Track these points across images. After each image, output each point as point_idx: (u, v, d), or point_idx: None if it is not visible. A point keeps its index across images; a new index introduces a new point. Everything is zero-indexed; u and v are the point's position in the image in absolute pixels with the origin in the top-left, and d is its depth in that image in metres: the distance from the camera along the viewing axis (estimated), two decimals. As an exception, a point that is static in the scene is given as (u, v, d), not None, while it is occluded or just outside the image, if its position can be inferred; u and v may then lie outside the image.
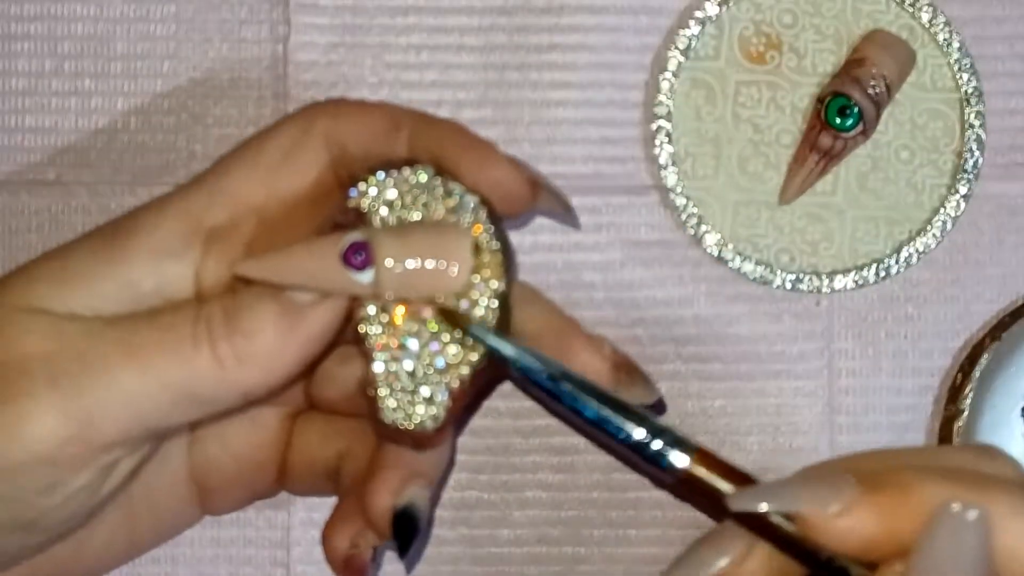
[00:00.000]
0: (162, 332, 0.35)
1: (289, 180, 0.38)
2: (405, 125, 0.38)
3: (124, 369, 0.34)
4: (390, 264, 0.35)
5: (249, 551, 0.46)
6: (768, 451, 0.46)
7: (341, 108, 0.39)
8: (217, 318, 0.35)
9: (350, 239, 0.35)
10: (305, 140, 0.38)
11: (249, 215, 0.38)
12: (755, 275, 0.46)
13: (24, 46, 0.46)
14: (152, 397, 0.35)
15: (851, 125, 0.45)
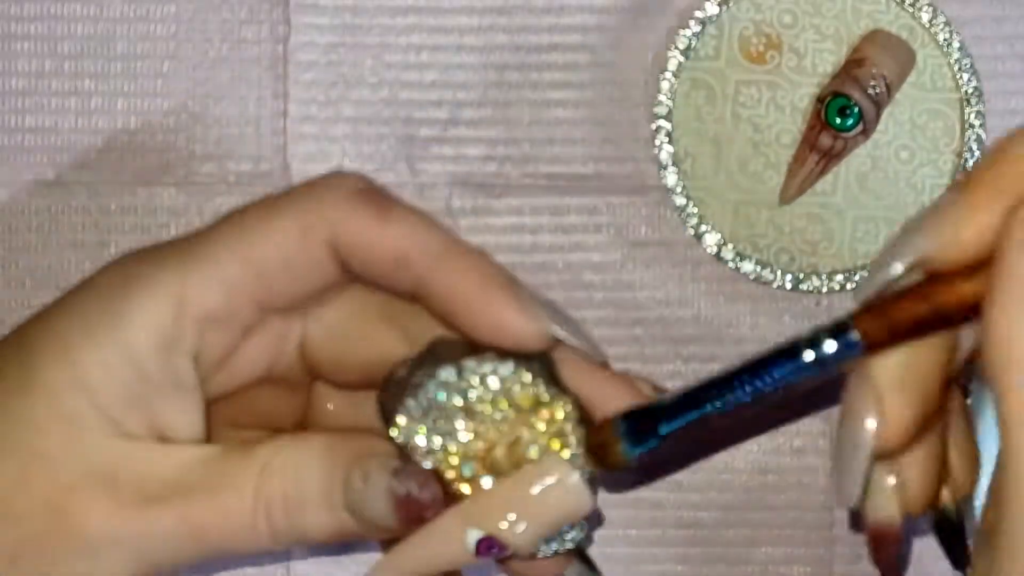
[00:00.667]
0: (224, 517, 0.35)
1: (288, 284, 0.36)
2: (412, 265, 0.35)
3: (188, 543, 0.35)
4: (521, 537, 0.35)
5: (249, 551, 0.46)
6: (768, 451, 0.46)
7: (350, 220, 0.35)
8: (278, 511, 0.35)
9: (475, 538, 0.34)
10: (307, 249, 0.35)
11: (248, 306, 0.36)
12: (755, 275, 0.46)
13: (24, 46, 0.46)
14: (211, 556, 0.36)
15: (851, 125, 0.45)
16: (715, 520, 0.46)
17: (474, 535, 0.34)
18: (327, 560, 0.46)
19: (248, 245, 0.35)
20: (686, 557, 0.46)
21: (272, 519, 0.35)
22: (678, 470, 0.46)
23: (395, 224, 0.35)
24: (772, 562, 0.46)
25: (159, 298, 0.35)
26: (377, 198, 0.36)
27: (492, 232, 0.46)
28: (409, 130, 0.46)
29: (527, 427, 0.35)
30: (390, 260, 0.35)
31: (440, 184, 0.46)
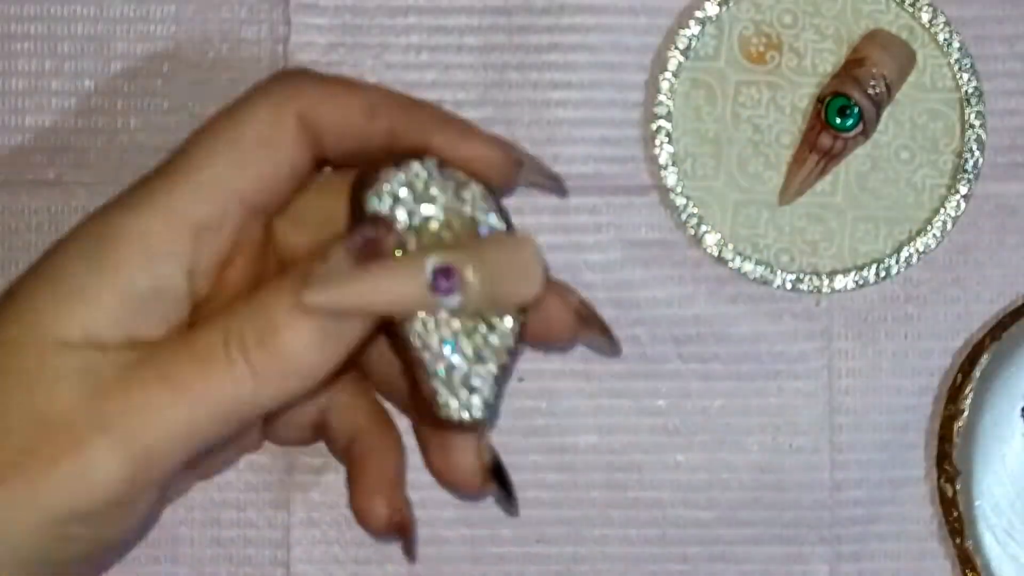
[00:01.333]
0: (199, 361, 0.35)
1: (267, 165, 0.38)
2: (382, 112, 0.38)
3: (170, 404, 0.35)
4: (476, 287, 0.36)
5: (249, 551, 0.46)
6: (768, 451, 0.46)
7: (316, 89, 0.38)
8: (251, 339, 0.35)
9: (435, 262, 0.35)
10: (280, 123, 0.38)
11: (234, 205, 0.37)
12: (755, 275, 0.46)
13: (24, 46, 0.46)
14: (200, 424, 0.35)
15: (851, 125, 0.45)
16: (715, 519, 0.46)
17: (434, 261, 0.35)
18: (328, 560, 0.46)
19: (225, 141, 0.37)
20: (686, 557, 0.46)
21: (248, 353, 0.35)
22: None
23: (359, 84, 0.39)
24: (772, 561, 0.46)
25: (151, 215, 0.36)
26: (334, 75, 0.40)
27: (492, 232, 0.46)
28: (409, 130, 0.46)
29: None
30: (363, 111, 0.38)
31: (440, 184, 0.46)
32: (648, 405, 0.46)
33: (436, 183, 0.37)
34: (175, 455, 0.35)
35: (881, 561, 0.46)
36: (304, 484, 0.46)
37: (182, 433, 0.35)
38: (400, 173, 0.37)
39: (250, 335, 0.35)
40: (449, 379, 0.37)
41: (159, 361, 0.35)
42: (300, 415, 0.42)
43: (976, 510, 0.45)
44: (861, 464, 0.46)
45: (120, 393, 0.35)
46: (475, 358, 0.37)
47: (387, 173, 0.37)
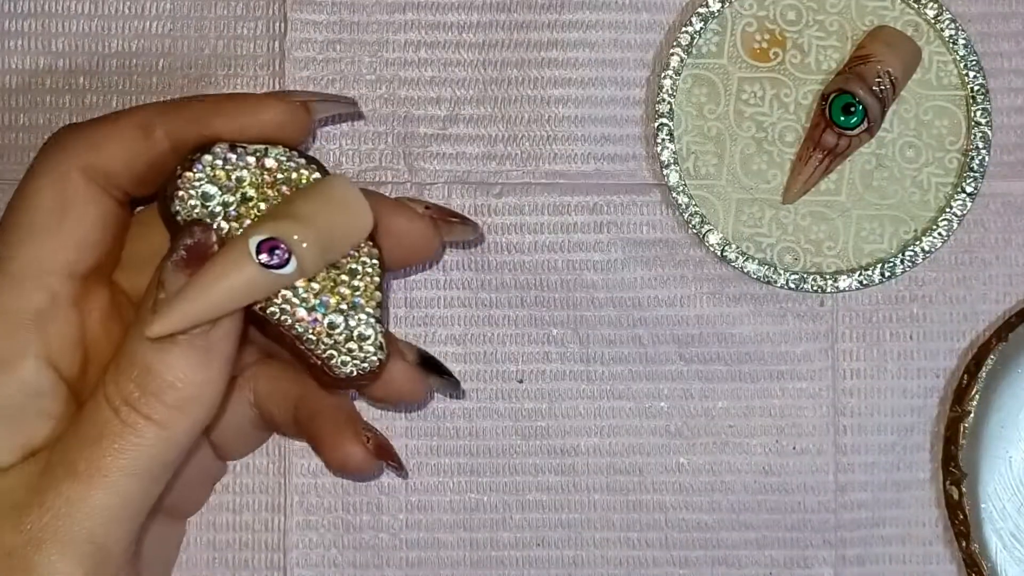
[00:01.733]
0: (97, 439, 0.35)
1: (73, 229, 0.37)
2: (156, 124, 0.38)
3: (89, 493, 0.35)
4: (306, 246, 0.35)
5: (246, 554, 0.46)
6: (772, 453, 0.46)
7: (84, 136, 0.38)
8: (134, 393, 0.35)
9: (256, 241, 0.35)
10: (67, 184, 0.37)
11: (59, 279, 0.37)
12: (758, 275, 0.45)
13: (18, 43, 0.46)
14: (130, 494, 0.35)
15: (855, 123, 0.44)
16: (718, 522, 0.46)
17: (255, 240, 0.35)
18: (325, 564, 0.46)
19: (23, 223, 0.37)
20: (688, 560, 0.46)
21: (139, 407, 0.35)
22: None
23: (126, 111, 0.39)
24: (775, 564, 0.46)
25: None
26: (99, 116, 0.39)
27: (492, 231, 0.46)
28: (408, 128, 0.46)
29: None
30: (137, 133, 0.38)
31: (439, 183, 0.46)
32: (650, 406, 0.46)
33: (235, 165, 0.37)
34: (121, 534, 0.35)
35: (886, 564, 0.46)
36: (301, 487, 0.46)
37: (117, 512, 0.35)
38: (195, 172, 0.37)
39: (131, 389, 0.35)
40: (334, 340, 0.37)
41: (62, 458, 0.35)
42: (239, 424, 0.42)
43: (982, 513, 0.45)
44: (866, 466, 0.46)
45: (37, 507, 0.35)
46: (350, 309, 0.37)
47: (183, 178, 0.37)
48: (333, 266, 0.37)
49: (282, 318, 0.37)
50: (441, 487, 0.46)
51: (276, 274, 0.35)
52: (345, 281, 0.37)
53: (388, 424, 0.46)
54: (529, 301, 0.46)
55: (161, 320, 0.34)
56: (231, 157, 0.37)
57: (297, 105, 0.39)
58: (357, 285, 0.38)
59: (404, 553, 0.46)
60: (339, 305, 0.37)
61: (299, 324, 0.37)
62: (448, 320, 0.46)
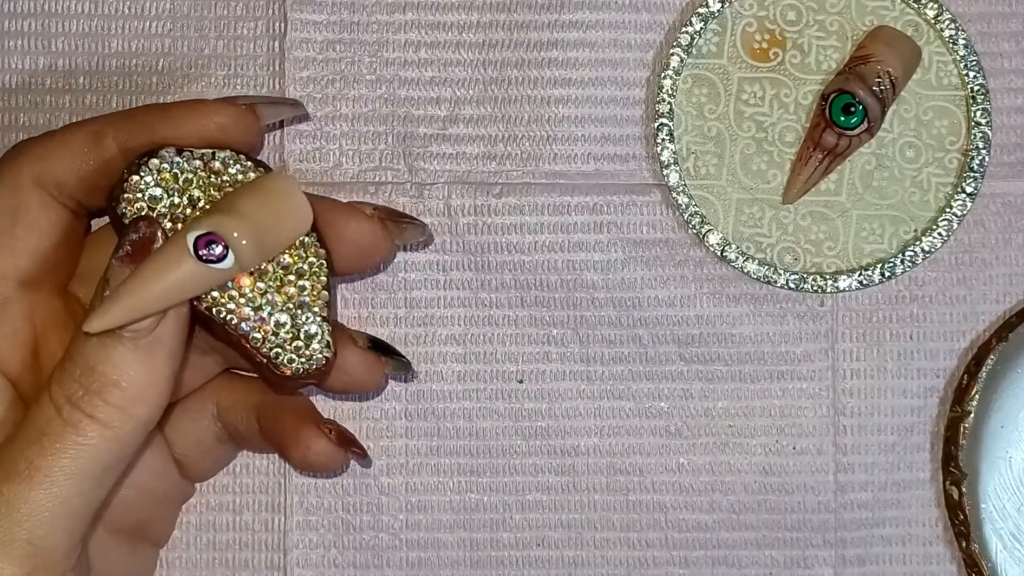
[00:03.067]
0: (39, 439, 0.35)
1: (25, 237, 0.38)
2: (106, 131, 0.38)
3: (28, 493, 0.34)
4: (244, 241, 0.35)
5: (245, 555, 0.46)
6: (772, 453, 0.46)
7: (36, 147, 0.38)
8: (78, 392, 0.35)
9: (193, 235, 0.35)
10: (20, 196, 0.37)
11: (8, 285, 0.37)
12: (758, 275, 0.45)
13: (18, 43, 0.46)
14: (72, 495, 0.35)
15: (856, 123, 0.44)
16: (718, 522, 0.46)
17: (192, 235, 0.35)
18: (325, 564, 0.46)
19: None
20: (688, 560, 0.46)
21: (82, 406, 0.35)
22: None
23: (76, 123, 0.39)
24: (775, 564, 0.46)
25: None
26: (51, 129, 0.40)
27: (492, 231, 0.46)
28: (408, 128, 0.46)
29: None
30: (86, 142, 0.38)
31: (439, 183, 0.46)
32: (650, 407, 0.46)
33: (182, 168, 0.37)
34: (62, 536, 0.35)
35: (886, 564, 0.46)
36: (301, 487, 0.46)
37: (57, 513, 0.35)
38: (143, 175, 0.37)
39: (75, 389, 0.35)
40: (280, 339, 0.38)
41: (4, 459, 0.35)
42: (203, 440, 0.42)
43: (982, 513, 0.45)
44: (866, 466, 0.46)
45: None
46: (296, 308, 0.38)
47: (129, 181, 0.37)
48: (280, 266, 0.38)
49: (228, 317, 0.37)
50: (441, 487, 0.46)
51: (214, 268, 0.35)
52: (292, 280, 0.38)
53: (388, 424, 0.46)
54: (529, 301, 0.46)
55: (99, 315, 0.34)
56: (178, 160, 0.37)
57: (243, 108, 0.39)
58: (304, 285, 0.38)
59: (404, 553, 0.46)
60: (286, 304, 0.38)
61: (245, 323, 0.37)
62: (448, 320, 0.46)
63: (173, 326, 0.35)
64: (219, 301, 0.37)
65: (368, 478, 0.46)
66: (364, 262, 0.41)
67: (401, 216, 0.42)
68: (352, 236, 0.40)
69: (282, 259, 0.38)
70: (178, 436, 0.42)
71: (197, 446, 0.43)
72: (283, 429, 0.41)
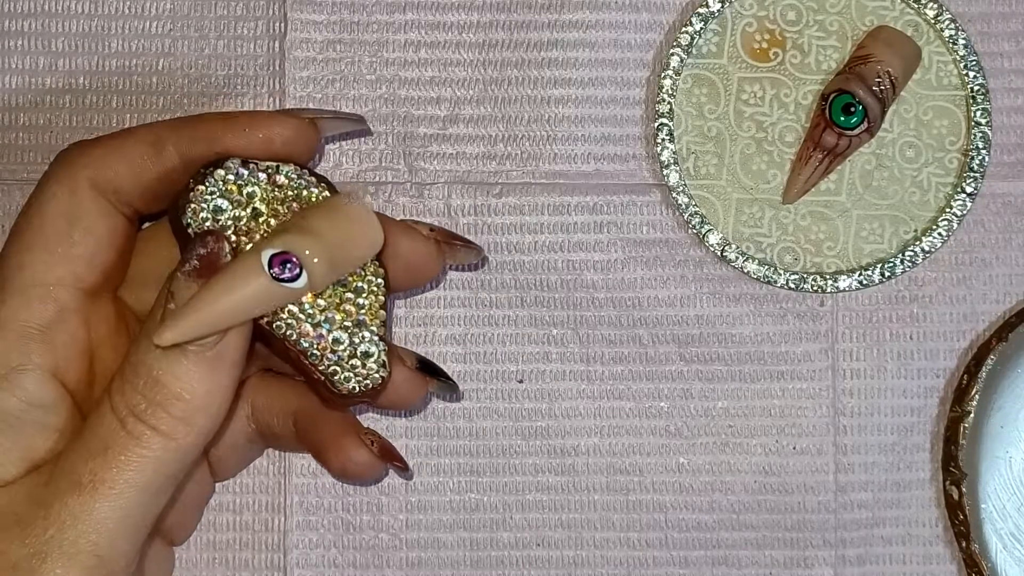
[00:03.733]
0: (103, 451, 0.35)
1: (82, 242, 0.38)
2: (166, 140, 0.38)
3: (94, 505, 0.34)
4: (317, 260, 0.35)
5: (246, 555, 0.46)
6: (772, 453, 0.46)
7: (95, 151, 0.38)
8: (141, 404, 0.35)
9: (268, 254, 0.35)
10: (77, 197, 0.37)
11: (67, 291, 0.37)
12: (758, 275, 0.45)
13: (18, 43, 0.46)
14: (135, 507, 0.35)
15: (855, 123, 0.44)
16: (718, 522, 0.46)
17: (267, 253, 0.35)
18: (325, 564, 0.46)
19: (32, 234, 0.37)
20: (688, 560, 0.46)
21: (145, 418, 0.35)
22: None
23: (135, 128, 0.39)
24: (776, 565, 0.46)
25: None
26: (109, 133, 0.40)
27: (492, 231, 0.46)
28: (408, 128, 0.46)
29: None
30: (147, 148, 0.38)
31: (439, 183, 0.46)
32: (650, 407, 0.46)
33: (247, 181, 0.37)
34: (126, 547, 0.35)
35: (886, 564, 0.46)
36: (301, 487, 0.46)
37: (121, 524, 0.35)
38: (208, 186, 0.37)
39: (138, 400, 0.35)
40: (338, 357, 0.38)
41: (66, 470, 0.35)
42: (234, 439, 0.42)
43: (982, 513, 0.45)
44: (866, 466, 0.46)
45: (42, 520, 0.34)
46: (354, 326, 0.38)
47: (195, 191, 0.37)
48: (340, 283, 0.38)
49: (288, 333, 0.37)
50: (441, 487, 0.46)
51: (286, 287, 0.35)
52: (351, 299, 0.38)
53: (388, 424, 0.46)
54: (529, 301, 0.46)
55: (170, 328, 0.34)
56: (243, 172, 0.37)
57: (306, 122, 0.39)
58: (362, 303, 0.38)
59: (404, 553, 0.46)
60: (344, 322, 0.38)
61: (304, 339, 0.37)
62: (448, 320, 0.46)
63: (236, 340, 0.35)
64: (280, 316, 0.37)
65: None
66: (414, 281, 0.41)
67: (456, 237, 0.42)
68: (406, 255, 0.40)
69: (342, 277, 0.38)
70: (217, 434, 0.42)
71: (229, 446, 0.43)
72: (323, 436, 0.41)
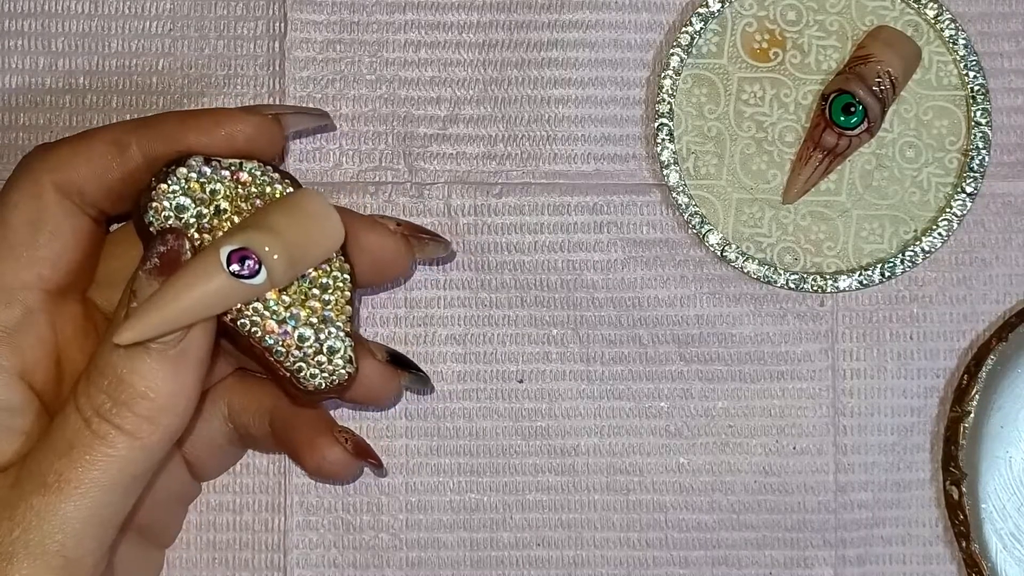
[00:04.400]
0: (68, 450, 0.35)
1: (47, 245, 0.37)
2: (128, 140, 0.38)
3: (59, 505, 0.34)
4: (277, 256, 0.35)
5: (246, 554, 0.46)
6: (772, 453, 0.46)
7: (58, 153, 0.38)
8: (106, 403, 0.35)
9: (227, 250, 0.35)
10: (40, 200, 0.37)
11: (33, 294, 0.37)
12: (758, 275, 0.45)
13: (18, 43, 0.46)
14: (101, 506, 0.35)
15: (856, 123, 0.44)
16: (718, 522, 0.46)
17: (226, 250, 0.35)
18: (325, 564, 0.46)
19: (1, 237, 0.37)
20: (687, 560, 0.46)
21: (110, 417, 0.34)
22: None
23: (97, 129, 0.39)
24: (776, 565, 0.46)
25: None
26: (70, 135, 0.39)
27: (492, 231, 0.46)
28: (408, 128, 0.46)
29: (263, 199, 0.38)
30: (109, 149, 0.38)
31: (439, 183, 0.46)
32: (650, 406, 0.46)
33: (210, 178, 0.37)
34: (93, 546, 0.35)
35: (886, 565, 0.46)
36: (301, 487, 0.46)
37: (87, 524, 0.35)
38: (170, 184, 0.37)
39: (102, 400, 0.35)
40: (303, 353, 0.38)
41: (32, 471, 0.35)
42: (213, 440, 0.42)
43: (982, 513, 0.45)
44: (866, 466, 0.46)
45: (8, 520, 0.34)
46: (320, 322, 0.38)
47: (157, 190, 0.37)
48: (305, 279, 0.38)
49: (252, 330, 0.37)
50: (441, 487, 0.46)
51: (246, 284, 0.35)
52: (316, 295, 0.38)
53: (388, 425, 0.46)
54: (529, 301, 0.46)
55: (130, 327, 0.34)
56: (206, 170, 0.37)
57: (269, 118, 0.39)
58: (328, 299, 0.38)
59: (404, 553, 0.46)
60: (309, 318, 0.38)
61: (269, 336, 0.37)
62: (448, 320, 0.46)
63: (200, 338, 0.35)
64: (244, 314, 0.37)
65: (368, 478, 0.46)
66: (382, 276, 0.41)
67: (423, 232, 0.42)
68: (373, 250, 0.40)
69: (307, 273, 0.38)
70: (189, 436, 0.42)
71: (208, 446, 0.43)
72: (297, 436, 0.41)
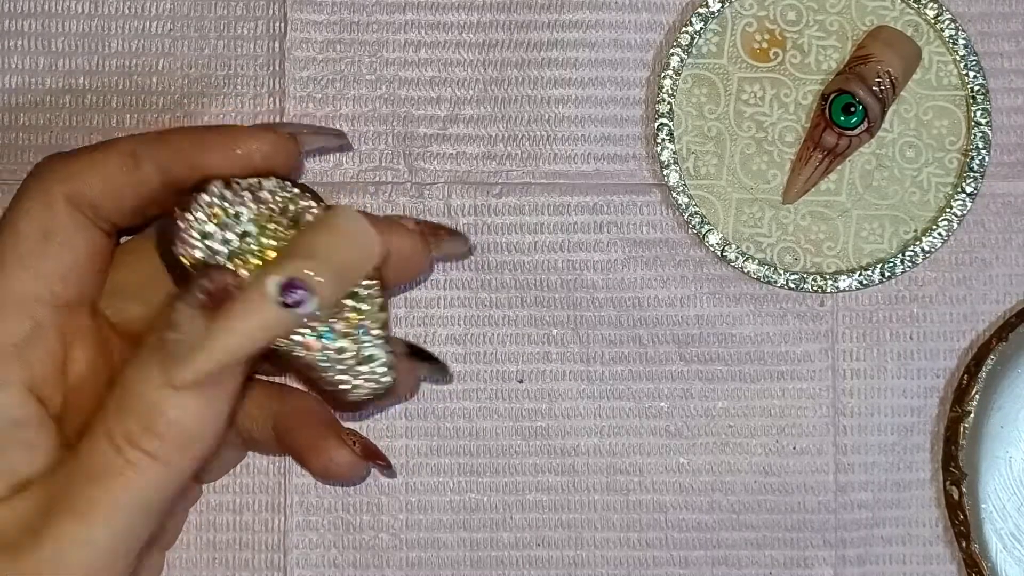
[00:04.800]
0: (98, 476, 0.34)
1: (58, 257, 0.37)
2: (144, 154, 0.37)
3: (88, 532, 0.34)
4: (322, 280, 0.35)
5: (246, 555, 0.46)
6: (772, 453, 0.46)
7: (71, 165, 0.37)
8: (136, 429, 0.34)
9: (276, 283, 0.35)
10: (52, 211, 0.37)
11: (43, 307, 0.37)
12: (758, 275, 0.45)
13: (18, 43, 0.46)
14: (126, 531, 0.35)
15: (856, 123, 0.44)
16: (718, 522, 0.46)
17: (274, 281, 0.35)
18: (325, 564, 0.46)
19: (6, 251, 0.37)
20: (688, 560, 0.46)
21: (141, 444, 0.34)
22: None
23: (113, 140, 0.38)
24: (776, 565, 0.46)
25: None
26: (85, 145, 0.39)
27: (492, 231, 0.46)
28: (408, 128, 0.46)
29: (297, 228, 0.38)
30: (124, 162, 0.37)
31: (439, 183, 0.46)
32: (650, 407, 0.46)
33: (233, 201, 0.37)
34: (121, 570, 0.35)
35: (886, 564, 0.46)
36: (301, 487, 0.46)
37: (115, 548, 0.35)
38: (194, 212, 0.37)
39: (134, 427, 0.34)
40: (344, 364, 0.37)
41: (59, 496, 0.35)
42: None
43: (982, 513, 0.45)
44: (866, 466, 0.46)
45: (34, 545, 0.34)
46: (358, 332, 0.37)
47: (183, 219, 0.37)
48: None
49: (293, 349, 0.37)
50: (441, 487, 0.46)
51: (297, 313, 0.35)
52: (350, 306, 0.37)
53: (388, 425, 0.46)
54: (529, 301, 0.46)
55: (189, 367, 0.34)
56: (227, 194, 0.37)
57: (284, 136, 0.39)
58: (362, 308, 0.38)
59: (404, 553, 0.46)
60: (346, 330, 0.37)
61: (309, 352, 0.37)
62: (448, 320, 0.46)
63: (235, 368, 0.35)
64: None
65: (368, 478, 0.46)
66: (403, 277, 0.41)
67: (442, 229, 0.41)
68: (394, 251, 0.39)
69: None
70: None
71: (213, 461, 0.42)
72: (303, 439, 0.41)
